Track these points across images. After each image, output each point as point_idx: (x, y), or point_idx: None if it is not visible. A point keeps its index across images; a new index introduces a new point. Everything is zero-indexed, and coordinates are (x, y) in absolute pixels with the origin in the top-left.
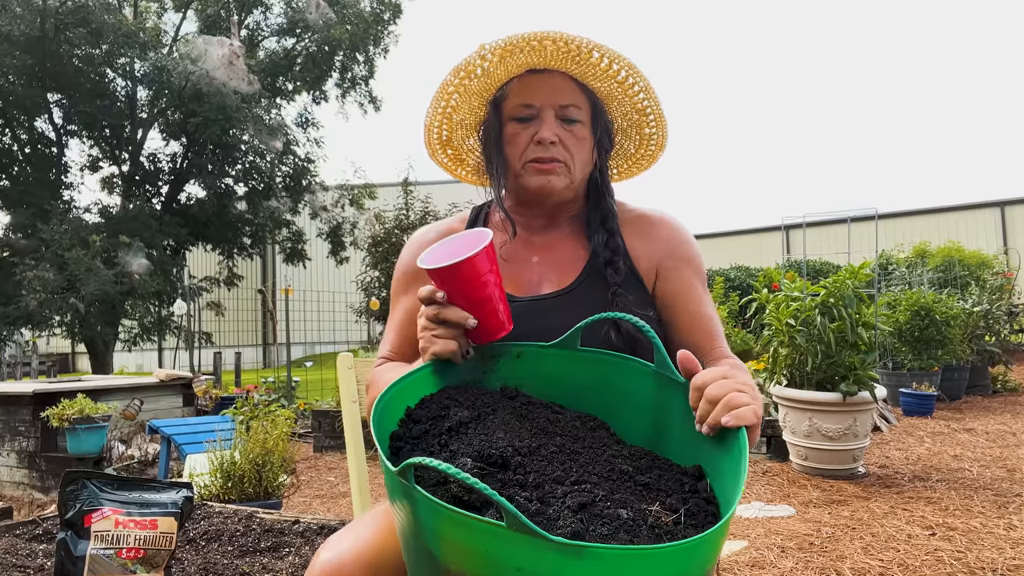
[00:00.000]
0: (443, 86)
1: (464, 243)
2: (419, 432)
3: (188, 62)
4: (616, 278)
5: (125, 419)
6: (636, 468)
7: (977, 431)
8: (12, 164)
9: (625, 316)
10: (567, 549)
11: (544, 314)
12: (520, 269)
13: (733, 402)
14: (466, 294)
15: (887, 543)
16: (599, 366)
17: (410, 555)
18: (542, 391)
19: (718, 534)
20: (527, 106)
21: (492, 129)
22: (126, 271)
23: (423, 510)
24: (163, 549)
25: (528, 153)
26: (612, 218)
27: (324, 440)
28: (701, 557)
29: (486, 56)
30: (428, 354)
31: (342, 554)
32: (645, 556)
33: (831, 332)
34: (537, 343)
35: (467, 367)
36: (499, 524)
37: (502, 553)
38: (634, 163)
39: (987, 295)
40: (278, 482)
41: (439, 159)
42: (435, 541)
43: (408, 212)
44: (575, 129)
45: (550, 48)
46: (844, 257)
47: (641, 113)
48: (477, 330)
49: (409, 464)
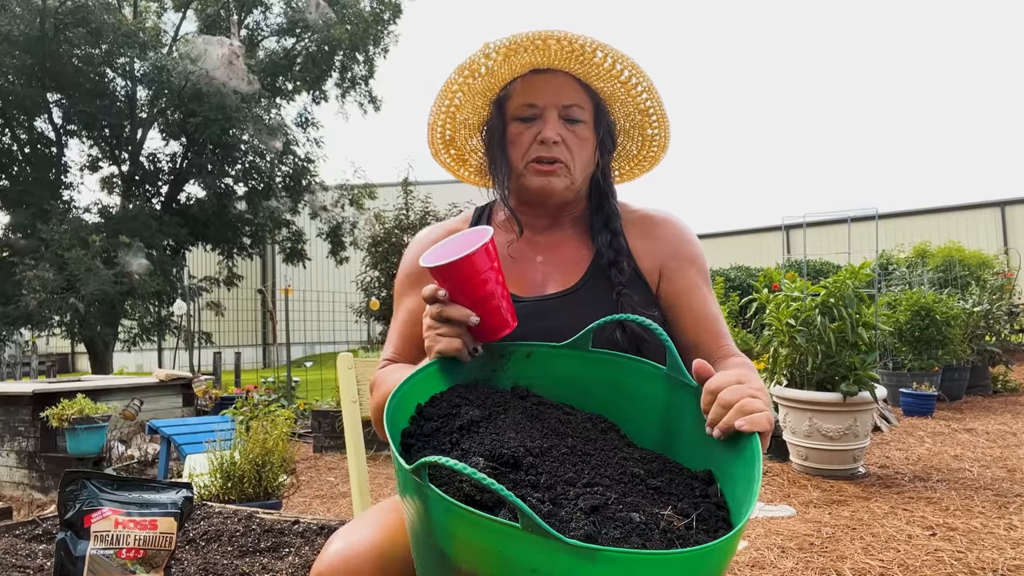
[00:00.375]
0: (447, 84)
1: (465, 241)
2: (430, 430)
3: (188, 62)
4: (621, 279)
5: (125, 419)
6: (647, 471)
7: (977, 431)
8: (12, 164)
9: (640, 319)
10: (581, 552)
11: (549, 314)
12: (524, 269)
13: (747, 407)
14: (467, 292)
15: (887, 543)
16: (610, 367)
17: (420, 552)
18: (553, 391)
19: (731, 541)
20: (530, 106)
21: (495, 129)
22: (126, 271)
23: (436, 508)
24: (163, 549)
25: (531, 153)
26: (615, 219)
27: (324, 440)
28: (713, 563)
29: (490, 55)
30: (433, 352)
31: (352, 545)
32: (658, 561)
33: (831, 332)
34: (548, 343)
35: (476, 366)
36: (514, 525)
37: (516, 554)
38: (636, 165)
39: (987, 295)
40: (278, 482)
41: (442, 159)
42: (447, 540)
43: (408, 212)
44: (578, 129)
45: (554, 47)
46: (844, 257)
47: (644, 114)
48: (481, 327)
49: (424, 463)
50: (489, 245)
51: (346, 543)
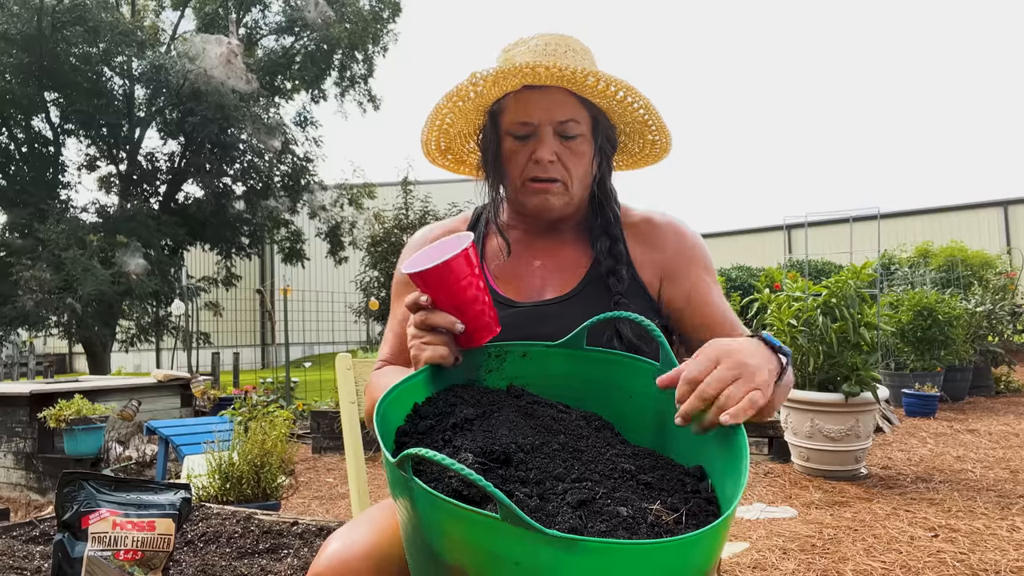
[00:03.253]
0: (436, 109)
1: (446, 248)
2: (425, 428)
3: (186, 61)
4: (619, 287)
5: (123, 420)
6: (639, 467)
7: (980, 432)
8: (9, 163)
9: (633, 316)
10: (561, 543)
11: (544, 320)
12: (523, 274)
13: (726, 401)
14: (450, 297)
15: (889, 545)
16: (605, 366)
17: (411, 549)
18: (548, 390)
19: (715, 532)
20: (524, 124)
21: (490, 141)
22: (123, 271)
23: (422, 502)
24: (161, 551)
25: (527, 172)
26: (615, 224)
27: (323, 441)
28: (697, 555)
29: (478, 84)
30: (420, 362)
31: (350, 546)
32: (639, 551)
33: (833, 332)
34: (543, 343)
35: (467, 369)
36: (494, 517)
37: (499, 547)
38: (639, 160)
39: (990, 295)
40: (276, 483)
41: (440, 163)
42: (434, 534)
43: (407, 212)
44: (574, 144)
45: (543, 74)
46: (846, 257)
47: (643, 124)
48: (465, 333)
49: (407, 455)
50: (469, 250)
51: (344, 544)
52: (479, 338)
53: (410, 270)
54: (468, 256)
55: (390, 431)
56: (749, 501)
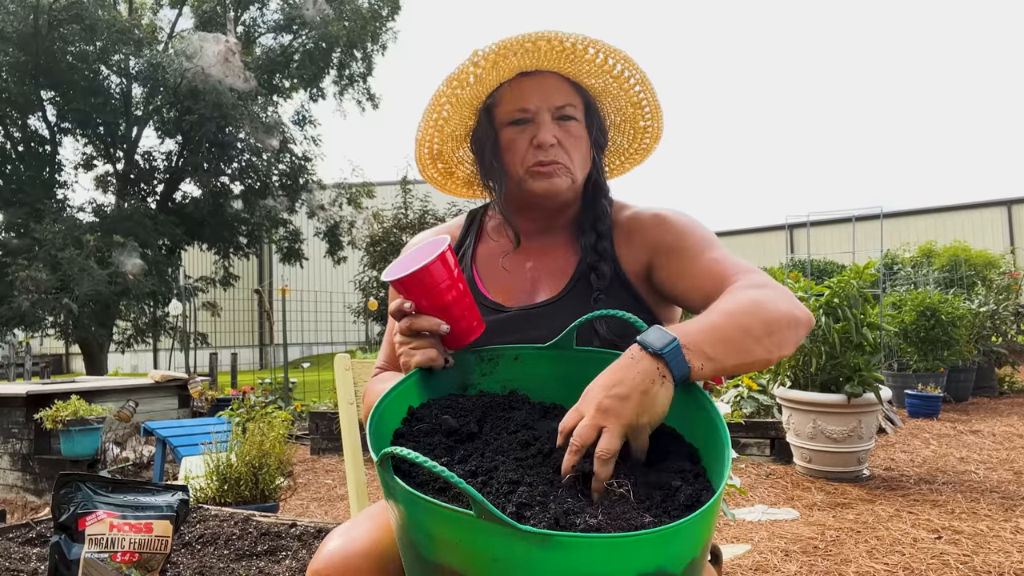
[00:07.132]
0: (436, 97)
1: (423, 253)
2: (419, 431)
3: (184, 59)
4: (599, 284)
5: (120, 421)
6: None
7: (984, 433)
8: (5, 162)
9: (618, 313)
10: (535, 538)
11: (532, 324)
12: (514, 277)
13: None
14: (431, 301)
15: (892, 546)
16: (597, 365)
17: (401, 548)
18: (541, 392)
19: (695, 522)
20: (522, 110)
21: (486, 137)
22: (120, 271)
23: (403, 501)
24: (158, 553)
25: (528, 158)
26: (603, 220)
27: (321, 442)
28: (676, 546)
29: (479, 63)
30: (411, 367)
31: (350, 544)
32: (613, 544)
33: (835, 333)
34: (533, 346)
35: (462, 373)
36: (468, 513)
37: (476, 543)
38: (627, 158)
39: (994, 295)
40: (275, 485)
41: (429, 174)
42: (417, 533)
43: (407, 211)
44: (571, 127)
45: (544, 48)
46: (849, 257)
47: (636, 107)
48: (451, 335)
49: (386, 453)
50: (447, 253)
51: (344, 541)
52: (465, 338)
53: (389, 277)
54: (445, 259)
55: (387, 433)
56: (751, 503)
